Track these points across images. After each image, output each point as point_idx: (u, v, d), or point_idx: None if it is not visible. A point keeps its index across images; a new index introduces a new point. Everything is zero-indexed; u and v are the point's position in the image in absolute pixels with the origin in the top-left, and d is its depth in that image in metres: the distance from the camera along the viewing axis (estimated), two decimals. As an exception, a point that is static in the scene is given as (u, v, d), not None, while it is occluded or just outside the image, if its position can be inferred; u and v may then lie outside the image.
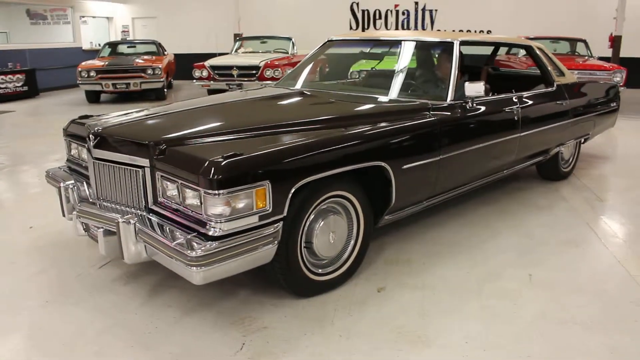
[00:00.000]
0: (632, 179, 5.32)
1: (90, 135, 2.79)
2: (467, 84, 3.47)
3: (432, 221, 3.97)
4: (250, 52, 11.52)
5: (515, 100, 4.01)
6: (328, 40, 4.66)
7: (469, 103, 3.53)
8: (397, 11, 15.09)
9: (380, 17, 15.28)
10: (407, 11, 15.03)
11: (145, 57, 11.13)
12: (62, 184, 3.13)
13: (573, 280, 3.11)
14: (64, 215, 3.21)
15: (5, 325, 2.63)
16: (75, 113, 9.64)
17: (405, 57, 4.00)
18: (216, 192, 2.22)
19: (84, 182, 3.17)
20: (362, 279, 3.06)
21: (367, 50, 4.68)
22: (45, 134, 7.96)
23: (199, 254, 2.20)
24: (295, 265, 2.67)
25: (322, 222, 2.75)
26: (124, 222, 2.50)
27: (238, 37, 12.23)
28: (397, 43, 4.04)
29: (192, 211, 2.37)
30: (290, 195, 2.46)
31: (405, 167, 3.04)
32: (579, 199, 4.59)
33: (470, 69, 4.80)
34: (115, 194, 2.76)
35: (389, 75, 3.87)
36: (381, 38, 4.40)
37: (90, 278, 3.10)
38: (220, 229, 2.27)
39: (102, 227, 2.69)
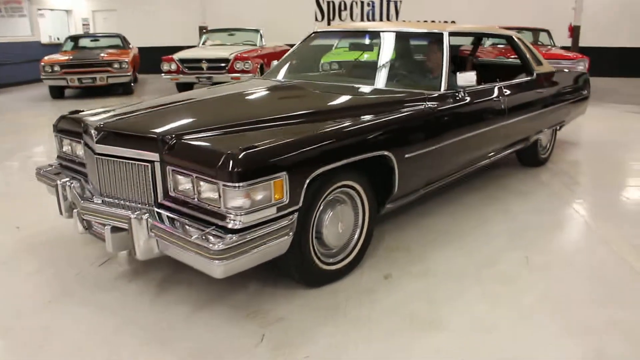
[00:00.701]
0: (604, 163, 5.56)
1: (92, 131, 2.71)
2: (459, 74, 3.55)
3: (423, 210, 4.05)
4: (218, 45, 11.37)
5: (501, 89, 4.13)
6: (313, 32, 4.67)
7: (461, 92, 3.62)
8: (362, 2, 15.17)
9: (345, 9, 15.33)
10: (372, 2, 15.14)
11: (110, 50, 10.82)
12: (59, 182, 3.04)
13: (566, 261, 3.25)
14: (61, 214, 3.12)
15: (8, 327, 2.55)
16: (39, 109, 9.38)
17: (393, 48, 4.07)
18: (236, 184, 2.21)
19: (81, 179, 3.11)
20: (367, 268, 3.10)
21: (355, 41, 4.70)
22: (9, 131, 7.67)
23: (221, 247, 2.19)
24: (308, 255, 2.68)
25: (331, 212, 2.78)
26: (136, 218, 2.45)
27: (204, 30, 12.03)
28: (384, 34, 4.07)
29: (209, 205, 2.35)
30: (305, 186, 2.47)
31: (407, 156, 3.10)
32: (558, 184, 4.76)
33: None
34: (120, 190, 2.69)
35: (379, 65, 3.92)
36: (368, 29, 4.43)
37: (90, 277, 3.03)
38: (240, 221, 2.26)
39: (109, 224, 2.64)
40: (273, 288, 2.85)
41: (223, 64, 10.07)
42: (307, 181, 2.48)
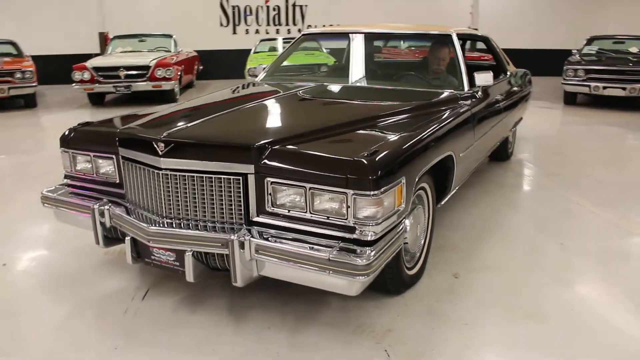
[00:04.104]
0: (561, 154, 6.03)
1: (156, 143, 2.35)
2: (476, 74, 3.63)
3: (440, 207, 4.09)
4: (130, 52, 10.59)
5: (498, 87, 4.31)
6: (302, 34, 4.52)
7: (479, 91, 3.71)
8: (268, 7, 15.05)
9: (250, 13, 15.09)
10: (278, 7, 15.07)
11: (5, 59, 9.56)
12: (95, 206, 2.62)
13: (598, 246, 3.46)
14: (97, 243, 2.70)
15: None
16: None
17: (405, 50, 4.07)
18: (370, 192, 2.05)
19: (115, 202, 2.71)
20: (431, 269, 3.05)
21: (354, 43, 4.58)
22: None
23: (364, 262, 2.02)
24: (400, 262, 2.59)
25: (411, 216, 2.69)
26: (238, 239, 2.19)
27: (106, 36, 11.13)
28: (394, 37, 4.06)
29: (329, 217, 2.15)
30: (413, 190, 2.37)
31: (461, 154, 3.11)
32: (537, 176, 5.09)
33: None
34: (193, 209, 2.37)
35: (397, 67, 3.90)
36: (362, 30, 4.37)
37: (143, 313, 2.64)
38: (373, 232, 2.10)
39: (191, 251, 2.33)
40: (354, 300, 2.69)
41: (143, 72, 9.40)
42: (414, 185, 2.39)
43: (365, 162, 2.08)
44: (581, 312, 2.62)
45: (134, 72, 9.39)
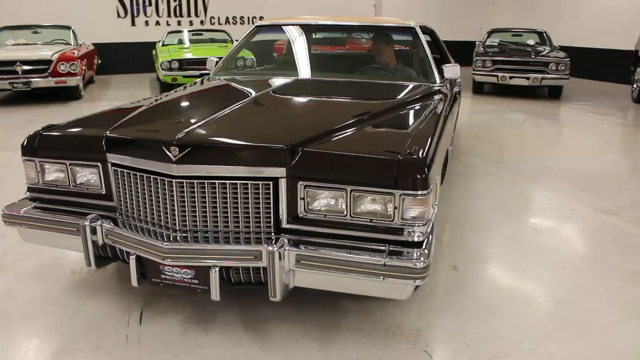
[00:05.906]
0: (489, 142, 6.36)
1: (167, 147, 2.10)
2: (445, 67, 3.70)
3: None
4: (25, 45, 9.52)
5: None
6: (255, 26, 4.32)
7: (447, 83, 3.78)
8: (169, -3, 14.31)
9: (150, 4, 14.25)
10: (180, -3, 14.40)
11: None
12: (87, 223, 2.29)
13: (564, 225, 3.70)
14: (89, 265, 2.36)
15: None
16: None
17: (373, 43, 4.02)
18: (420, 192, 1.99)
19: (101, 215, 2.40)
20: (429, 263, 3.06)
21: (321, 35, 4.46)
22: None
23: (422, 265, 1.96)
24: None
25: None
26: (278, 250, 2.02)
27: (1, 27, 9.93)
28: (355, 29, 4.01)
29: (372, 220, 2.06)
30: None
31: (449, 148, 3.15)
32: (479, 163, 5.32)
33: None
34: (213, 220, 2.15)
35: (356, 59, 3.86)
36: (320, 23, 4.27)
37: (148, 338, 2.37)
38: (421, 232, 2.04)
39: (217, 267, 2.12)
40: (371, 301, 2.63)
41: (44, 67, 8.50)
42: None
43: (414, 160, 2.01)
44: (588, 292, 2.78)
45: (33, 67, 8.48)
